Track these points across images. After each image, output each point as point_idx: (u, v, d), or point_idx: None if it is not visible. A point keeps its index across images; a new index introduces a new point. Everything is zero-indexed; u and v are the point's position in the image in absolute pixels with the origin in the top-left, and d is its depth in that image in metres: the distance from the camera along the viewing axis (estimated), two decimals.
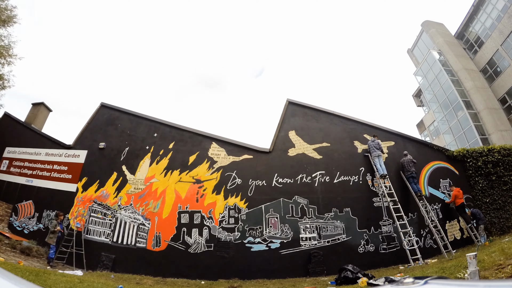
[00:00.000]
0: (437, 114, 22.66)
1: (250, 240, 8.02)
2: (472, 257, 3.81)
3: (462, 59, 20.96)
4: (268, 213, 8.35)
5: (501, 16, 18.50)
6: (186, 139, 9.52)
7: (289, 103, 10.11)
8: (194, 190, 8.69)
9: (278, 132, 9.54)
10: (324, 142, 9.40)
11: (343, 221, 8.33)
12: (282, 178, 8.81)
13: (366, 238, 8.20)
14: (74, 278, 5.34)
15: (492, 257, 4.66)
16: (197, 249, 7.95)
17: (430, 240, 8.44)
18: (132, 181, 9.00)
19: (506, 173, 9.28)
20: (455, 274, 4.35)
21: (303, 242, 8.03)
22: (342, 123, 9.91)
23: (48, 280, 4.59)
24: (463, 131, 19.61)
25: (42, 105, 12.14)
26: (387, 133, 9.88)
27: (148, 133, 9.76)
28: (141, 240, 8.19)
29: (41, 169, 9.80)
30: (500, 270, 3.83)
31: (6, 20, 11.21)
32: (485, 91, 19.46)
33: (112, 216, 8.57)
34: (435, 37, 22.92)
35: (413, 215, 8.64)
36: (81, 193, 9.04)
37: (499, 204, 8.97)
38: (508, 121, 18.43)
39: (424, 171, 9.42)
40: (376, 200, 8.73)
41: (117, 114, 10.38)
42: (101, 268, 7.63)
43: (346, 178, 8.92)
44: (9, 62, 11.61)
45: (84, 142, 9.91)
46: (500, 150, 9.62)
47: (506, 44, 18.24)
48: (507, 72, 18.39)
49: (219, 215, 8.34)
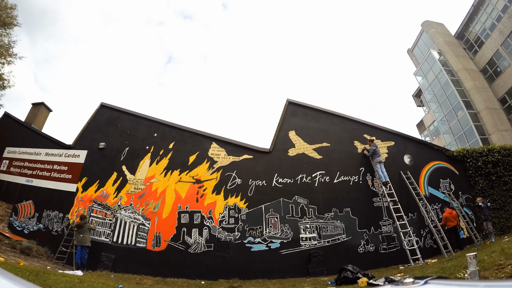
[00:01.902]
0: (437, 114, 22.65)
1: (250, 240, 8.02)
2: (472, 257, 3.81)
3: (462, 59, 20.95)
4: (268, 213, 8.35)
5: (501, 16, 18.49)
6: (186, 139, 9.52)
7: (289, 103, 10.11)
8: (194, 190, 8.69)
9: (278, 132, 9.54)
10: (324, 142, 9.40)
11: (343, 221, 8.33)
12: (282, 178, 8.81)
13: (366, 238, 8.20)
14: (74, 278, 5.33)
15: (492, 257, 4.66)
16: (197, 249, 7.95)
17: (430, 240, 8.44)
18: (132, 181, 9.00)
19: (506, 173, 9.28)
20: (455, 274, 4.35)
21: (303, 242, 8.03)
22: (342, 123, 9.91)
23: (48, 280, 4.59)
24: (463, 131, 19.61)
25: (42, 105, 12.14)
26: (387, 133, 9.87)
27: (148, 133, 9.76)
28: (141, 240, 8.19)
29: (41, 169, 9.79)
30: (500, 270, 3.83)
31: (7, 22, 11.21)
32: (485, 91, 19.45)
33: (112, 216, 8.57)
34: (435, 37, 22.91)
35: (413, 215, 8.64)
36: (81, 193, 9.04)
37: (499, 204, 8.98)
38: (508, 121, 18.42)
39: (424, 171, 9.42)
40: (376, 200, 8.73)
41: (117, 114, 10.38)
42: (101, 268, 7.62)
43: (346, 178, 8.92)
44: (9, 62, 11.61)
45: (84, 142, 9.90)
46: (500, 150, 9.62)
47: (506, 44, 18.24)
48: (507, 72, 18.38)
49: (219, 215, 8.34)
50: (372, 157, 8.90)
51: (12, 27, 11.57)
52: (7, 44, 11.59)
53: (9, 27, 11.47)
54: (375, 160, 8.81)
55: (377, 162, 8.76)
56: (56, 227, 8.64)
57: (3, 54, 11.34)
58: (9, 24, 11.45)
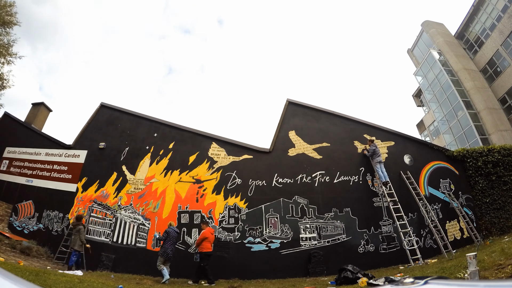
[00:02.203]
0: (437, 114, 22.65)
1: (250, 240, 8.02)
2: (472, 257, 3.81)
3: (462, 59, 20.95)
4: (268, 213, 8.35)
5: (501, 16, 18.49)
6: (186, 139, 9.52)
7: (289, 103, 10.10)
8: (194, 190, 8.69)
9: (278, 132, 9.54)
10: (324, 142, 9.40)
11: (343, 221, 8.33)
12: (282, 178, 8.81)
13: (366, 238, 8.20)
14: (74, 278, 5.33)
15: (492, 257, 4.66)
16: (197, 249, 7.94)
17: (430, 240, 8.44)
18: (132, 181, 9.00)
19: (506, 173, 9.28)
20: (455, 274, 4.34)
21: (303, 242, 8.03)
22: (342, 123, 9.91)
23: (48, 280, 4.59)
24: (463, 131, 19.60)
25: (42, 105, 12.14)
26: (387, 133, 9.87)
27: (148, 133, 9.75)
28: (141, 240, 8.19)
29: (41, 169, 9.79)
30: (500, 270, 3.83)
31: (6, 21, 11.19)
32: (485, 91, 19.45)
33: (112, 216, 8.57)
34: (435, 37, 22.91)
35: (413, 215, 8.63)
36: (81, 193, 9.04)
37: (499, 204, 8.97)
38: (508, 121, 18.42)
39: (424, 171, 9.42)
40: (376, 200, 8.72)
41: (117, 114, 10.38)
42: (101, 268, 7.62)
43: (346, 178, 8.91)
44: (9, 61, 11.59)
45: (84, 142, 9.90)
46: (500, 150, 9.62)
47: (506, 44, 18.24)
48: (507, 72, 18.38)
49: (219, 215, 8.34)
50: (372, 157, 8.89)
51: (12, 26, 11.54)
52: (7, 44, 11.56)
53: (8, 26, 11.44)
54: (375, 160, 8.80)
55: (377, 162, 8.75)
56: (56, 227, 8.64)
57: (2, 54, 11.31)
58: (9, 23, 11.42)
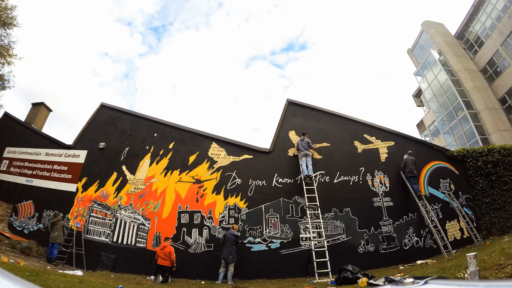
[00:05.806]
0: (437, 114, 22.63)
1: (250, 240, 8.02)
2: (472, 257, 3.81)
3: (462, 59, 20.94)
4: (268, 213, 8.35)
5: (501, 16, 18.48)
6: (186, 139, 9.51)
7: (289, 103, 10.10)
8: (194, 190, 8.69)
9: (278, 132, 9.54)
10: (324, 142, 9.39)
11: (343, 221, 8.33)
12: (282, 178, 8.81)
13: (366, 238, 8.19)
14: (74, 278, 5.33)
15: (492, 257, 4.66)
16: (197, 249, 7.95)
17: (430, 240, 8.44)
18: (132, 181, 9.00)
19: (506, 173, 9.28)
20: (455, 274, 4.35)
21: (303, 242, 8.03)
22: (342, 123, 9.91)
23: (48, 280, 4.59)
24: (463, 131, 19.60)
25: (42, 105, 12.14)
26: (387, 133, 9.87)
27: (148, 133, 9.75)
28: (141, 240, 8.19)
29: (41, 169, 9.79)
30: (500, 270, 3.83)
31: (6, 23, 11.21)
32: (485, 91, 19.44)
33: (112, 216, 8.57)
34: (435, 37, 22.90)
35: (413, 215, 8.63)
36: (81, 193, 9.04)
37: (499, 204, 8.97)
38: (508, 121, 18.41)
39: (424, 171, 9.42)
40: (376, 200, 8.72)
41: (117, 114, 10.38)
42: (101, 268, 7.63)
43: (346, 178, 8.91)
44: (9, 62, 11.60)
45: (84, 142, 9.90)
46: (500, 150, 9.62)
47: (506, 44, 18.23)
48: (507, 72, 18.37)
49: (219, 215, 8.34)
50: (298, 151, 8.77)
51: (12, 27, 11.57)
52: (7, 45, 11.58)
53: (9, 27, 11.47)
54: (300, 153, 8.66)
55: (302, 156, 8.59)
56: None
57: (3, 55, 11.33)
58: (9, 25, 11.44)
